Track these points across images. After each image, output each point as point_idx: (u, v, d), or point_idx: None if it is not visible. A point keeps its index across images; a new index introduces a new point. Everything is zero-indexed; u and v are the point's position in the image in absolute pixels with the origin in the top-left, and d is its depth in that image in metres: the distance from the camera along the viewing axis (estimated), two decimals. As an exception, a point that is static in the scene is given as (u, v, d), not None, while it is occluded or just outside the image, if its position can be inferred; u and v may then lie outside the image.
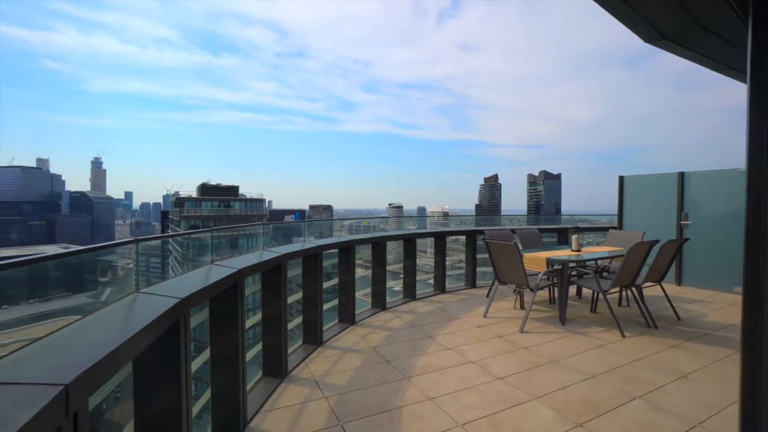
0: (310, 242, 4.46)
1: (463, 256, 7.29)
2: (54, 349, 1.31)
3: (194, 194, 73.37)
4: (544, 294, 6.25)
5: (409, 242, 6.26)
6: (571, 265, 5.10)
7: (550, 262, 5.03)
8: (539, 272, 5.06)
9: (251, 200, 73.29)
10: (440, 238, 6.82)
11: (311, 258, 4.17)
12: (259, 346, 3.46)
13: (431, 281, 7.01)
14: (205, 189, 74.22)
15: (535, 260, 5.19)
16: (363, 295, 5.62)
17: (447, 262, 6.86)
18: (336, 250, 4.85)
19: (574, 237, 5.57)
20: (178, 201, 68.85)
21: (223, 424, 2.64)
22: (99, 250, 1.92)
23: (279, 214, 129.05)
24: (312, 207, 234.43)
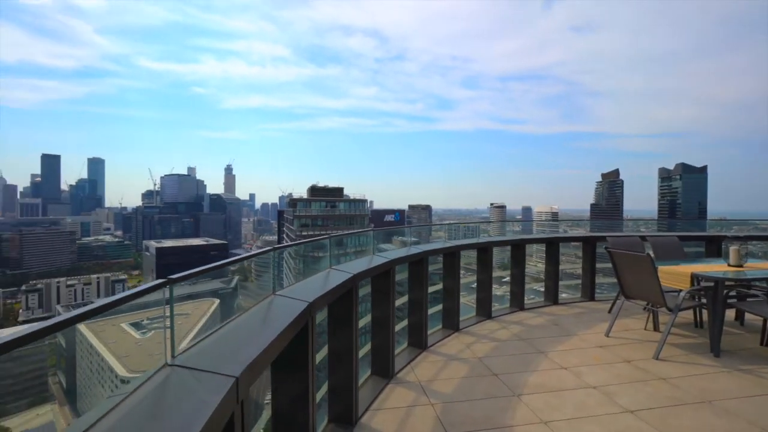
0: (416, 247, 4.53)
1: (577, 265, 6.60)
2: (225, 342, 1.69)
3: (305, 195, 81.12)
4: (687, 315, 5.27)
5: (517, 248, 5.90)
6: (728, 283, 4.19)
7: (696, 278, 4.21)
8: (681, 290, 4.27)
9: (355, 201, 77.96)
10: (553, 245, 6.27)
11: (417, 263, 4.24)
12: (367, 347, 3.65)
13: (539, 289, 6.51)
14: (315, 190, 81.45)
15: (676, 275, 4.40)
16: (466, 300, 5.50)
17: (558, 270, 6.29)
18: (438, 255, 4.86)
19: (733, 248, 4.55)
20: (292, 201, 77.05)
21: (338, 416, 2.86)
22: (247, 259, 2.23)
23: (380, 214, 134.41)
24: (411, 207, 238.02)
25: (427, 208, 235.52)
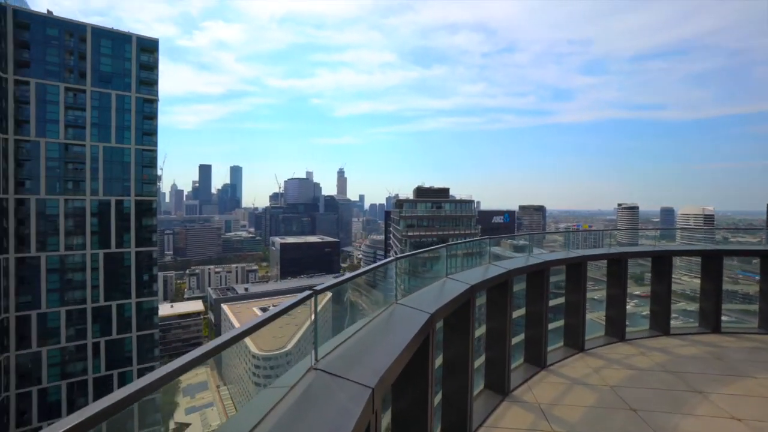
0: (536, 256, 4.19)
1: (745, 285, 5.28)
2: (359, 349, 1.84)
3: (411, 196, 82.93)
4: None
5: (660, 261, 4.99)
6: None
7: None
8: None
9: (461, 201, 76.64)
10: (713, 258, 5.12)
11: (537, 274, 3.92)
12: (480, 359, 3.51)
13: (689, 309, 5.40)
14: (421, 191, 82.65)
15: None
16: (594, 317, 4.86)
17: (698, 286, 5.10)
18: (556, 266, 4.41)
19: None
20: (398, 202, 79.38)
21: (451, 427, 2.80)
22: (376, 268, 2.34)
23: (487, 215, 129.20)
24: (522, 208, 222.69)
25: (540, 209, 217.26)
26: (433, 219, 72.73)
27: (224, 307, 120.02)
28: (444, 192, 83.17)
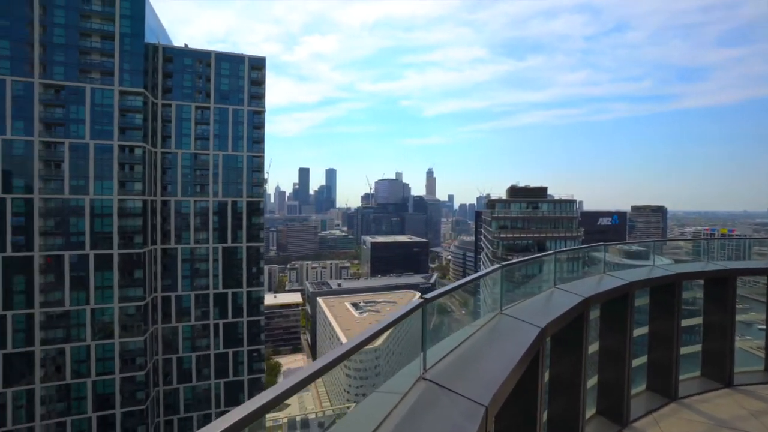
0: (663, 267, 3.54)
1: None
2: (467, 362, 1.77)
3: (504, 196, 78.92)
4: None
5: None
6: None
7: None
8: None
9: (560, 201, 70.42)
10: None
11: (665, 288, 3.31)
12: (593, 380, 3.09)
13: None
14: (515, 191, 78.18)
15: None
16: (745, 346, 3.94)
17: None
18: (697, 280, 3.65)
19: None
20: (490, 203, 76.19)
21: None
22: (481, 277, 2.21)
23: (592, 217, 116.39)
24: (635, 208, 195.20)
25: (659, 210, 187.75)
26: (528, 220, 68.09)
27: (320, 300, 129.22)
28: (541, 191, 77.31)
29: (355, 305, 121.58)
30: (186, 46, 60.39)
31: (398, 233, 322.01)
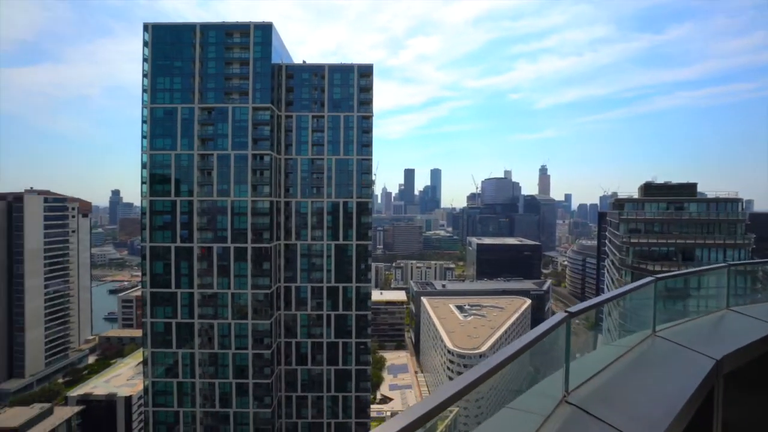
0: None
1: None
2: (615, 389, 1.48)
3: (635, 195, 67.72)
4: None
5: None
6: None
7: None
8: None
9: (716, 200, 57.17)
10: None
11: None
12: None
13: None
14: (650, 189, 66.42)
15: None
16: None
17: None
18: None
19: None
20: (617, 202, 66.19)
21: None
22: (630, 292, 1.77)
23: (766, 219, 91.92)
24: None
25: None
26: (669, 223, 57.08)
27: (424, 300, 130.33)
28: (687, 188, 64.12)
29: (460, 308, 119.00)
30: (304, 62, 67.26)
31: (507, 235, 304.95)
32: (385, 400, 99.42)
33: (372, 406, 78.58)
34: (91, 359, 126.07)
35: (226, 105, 59.65)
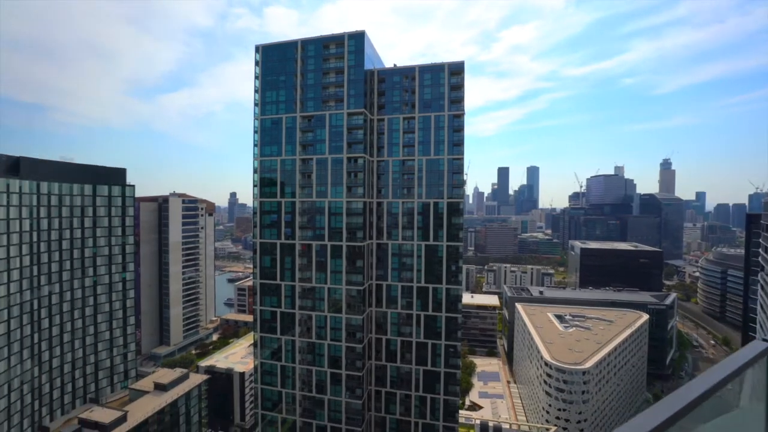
0: None
1: None
2: None
3: (799, 192, 53.97)
4: None
5: None
6: None
7: None
8: None
9: None
10: None
11: None
12: None
13: None
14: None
15: None
16: None
17: None
18: None
19: None
20: (771, 202, 53.30)
21: None
22: None
23: None
24: None
25: None
26: None
27: (518, 306, 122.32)
28: None
29: (560, 317, 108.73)
30: (394, 65, 68.56)
31: (617, 239, 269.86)
32: (474, 407, 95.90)
33: (460, 412, 76.54)
34: (215, 337, 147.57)
35: (324, 112, 63.98)
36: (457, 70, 64.88)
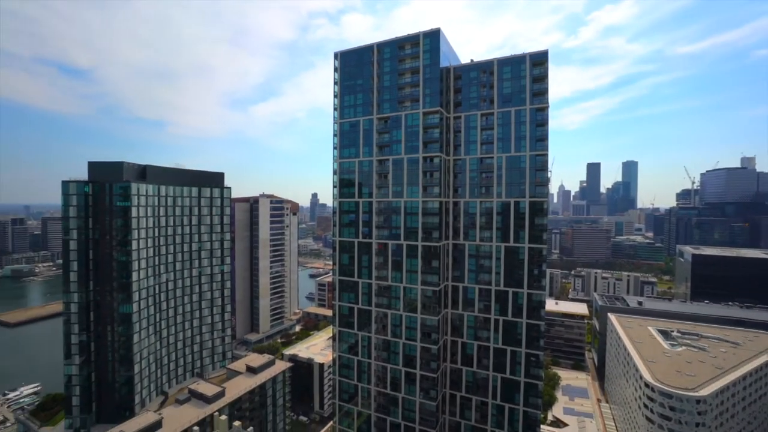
0: None
1: None
2: None
3: None
4: None
5: None
6: None
7: None
8: None
9: None
10: None
11: None
12: None
13: None
14: None
15: None
16: None
17: None
18: None
19: None
20: None
21: None
22: None
23: None
24: None
25: None
26: None
27: (611, 317, 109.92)
28: None
29: (664, 333, 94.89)
30: (471, 61, 66.31)
31: (742, 245, 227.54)
32: (559, 423, 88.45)
33: (542, 427, 71.21)
34: (297, 328, 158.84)
35: (400, 113, 64.50)
36: (539, 60, 60.53)
